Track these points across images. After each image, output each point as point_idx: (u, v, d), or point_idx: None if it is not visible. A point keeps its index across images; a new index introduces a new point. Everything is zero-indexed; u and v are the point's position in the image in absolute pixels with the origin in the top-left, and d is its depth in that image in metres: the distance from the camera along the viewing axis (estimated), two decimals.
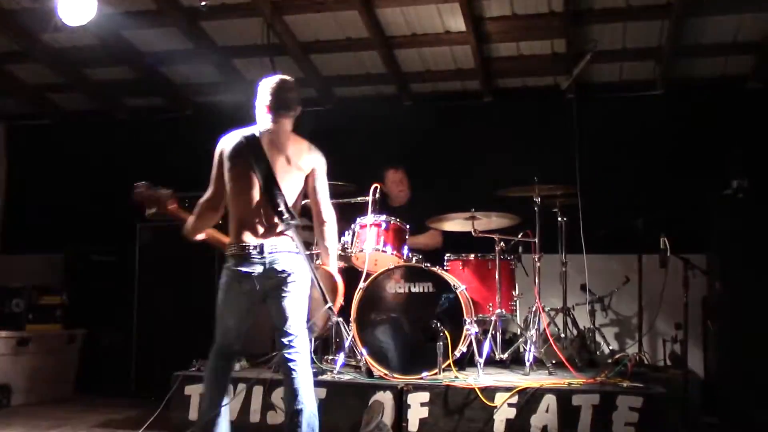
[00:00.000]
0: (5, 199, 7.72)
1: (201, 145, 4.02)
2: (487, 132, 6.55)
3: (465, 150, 6.51)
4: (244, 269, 3.47)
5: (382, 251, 4.91)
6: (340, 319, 3.75)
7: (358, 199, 5.13)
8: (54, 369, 6.00)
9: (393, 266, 4.72)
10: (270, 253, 3.48)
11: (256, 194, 3.54)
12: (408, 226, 5.07)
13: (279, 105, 3.70)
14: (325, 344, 5.05)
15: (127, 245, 6.23)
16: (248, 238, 3.50)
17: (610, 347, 5.49)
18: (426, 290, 4.59)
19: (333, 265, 3.72)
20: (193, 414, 4.44)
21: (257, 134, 3.64)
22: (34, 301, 5.96)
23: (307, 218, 5.87)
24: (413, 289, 4.61)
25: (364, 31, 5.97)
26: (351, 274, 5.08)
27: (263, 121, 3.71)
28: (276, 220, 3.52)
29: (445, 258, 5.28)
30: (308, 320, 3.62)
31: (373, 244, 4.89)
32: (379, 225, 4.96)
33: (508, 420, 4.06)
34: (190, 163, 5.00)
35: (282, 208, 3.50)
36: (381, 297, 4.62)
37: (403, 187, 6.02)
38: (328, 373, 4.54)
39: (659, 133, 6.22)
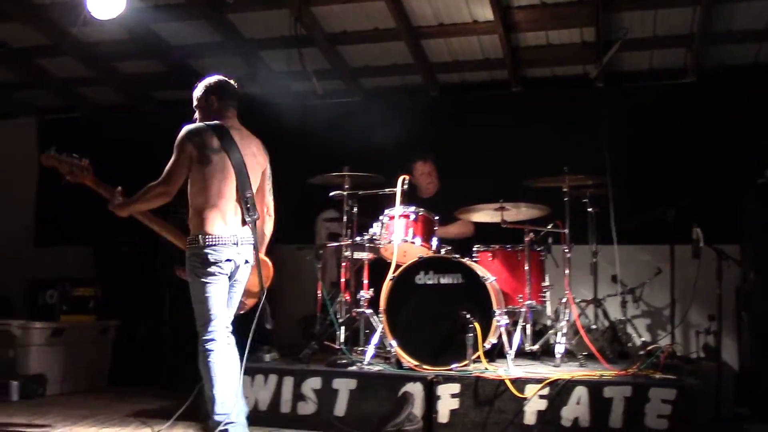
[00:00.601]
0: (37, 193, 7.82)
1: None
2: (516, 122, 6.50)
3: (493, 140, 6.46)
4: (223, 257, 3.65)
5: (411, 242, 4.90)
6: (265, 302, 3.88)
7: (386, 190, 5.11)
8: (88, 359, 6.08)
9: (422, 257, 4.70)
10: (241, 244, 3.71)
11: (231, 187, 3.72)
12: (437, 218, 5.06)
13: (230, 97, 3.94)
14: (354, 335, 5.05)
15: (157, 237, 6.26)
16: (220, 228, 3.67)
17: (642, 339, 5.43)
18: (455, 281, 4.57)
19: (263, 252, 3.99)
20: None
21: (227, 128, 3.80)
22: (68, 293, 6.04)
23: (335, 209, 5.93)
24: (442, 281, 4.58)
25: (392, 22, 5.95)
26: (380, 265, 5.09)
27: (216, 116, 3.87)
28: (243, 212, 3.74)
29: (474, 249, 5.26)
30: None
31: (401, 235, 4.89)
32: (407, 216, 4.95)
33: (539, 412, 4.05)
34: None
35: (249, 202, 3.75)
36: (410, 288, 4.60)
37: (432, 178, 6.00)
38: (358, 365, 4.55)
39: (690, 121, 6.13)
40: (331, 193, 5.25)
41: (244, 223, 3.75)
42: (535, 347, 4.93)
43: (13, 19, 6.14)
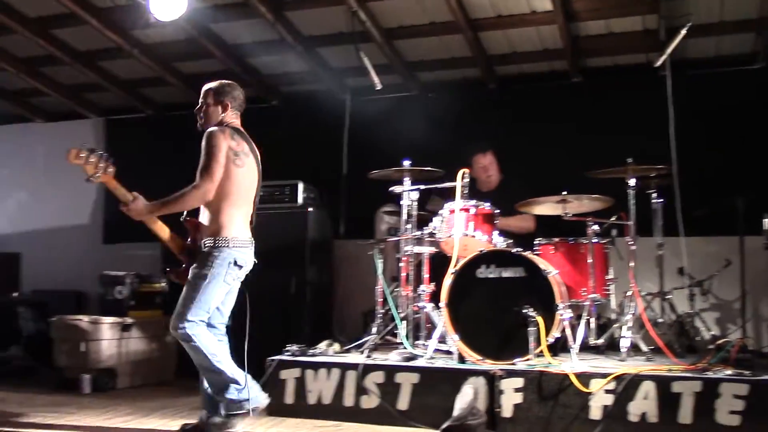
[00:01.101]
0: (106, 190, 8.03)
1: (288, 135, 4.09)
2: (577, 113, 6.41)
3: (554, 132, 6.35)
4: (245, 258, 3.78)
5: (471, 236, 4.87)
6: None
7: (446, 184, 5.09)
8: (155, 353, 6.23)
9: (483, 251, 4.67)
10: (253, 245, 3.85)
11: (253, 191, 3.85)
12: (498, 211, 5.01)
13: (241, 103, 4.01)
14: (416, 329, 5.05)
15: None
16: (242, 231, 3.78)
17: (711, 333, 5.29)
18: (517, 275, 4.52)
19: None
20: (288, 398, 4.56)
21: (244, 133, 3.90)
22: (136, 289, 6.22)
23: (392, 203, 5.94)
24: (504, 274, 4.54)
25: (449, 15, 5.91)
26: (440, 259, 5.08)
27: (227, 120, 3.92)
28: (253, 216, 3.88)
29: (536, 242, 5.20)
30: None
31: (462, 229, 4.86)
32: (467, 210, 4.92)
33: (605, 407, 3.97)
34: (276, 152, 5.06)
35: (256, 206, 3.89)
36: (472, 282, 4.57)
37: (492, 171, 5.95)
38: (421, 359, 4.54)
39: (759, 108, 5.94)
40: (391, 188, 5.26)
41: (250, 225, 3.89)
42: (600, 341, 4.85)
43: (78, 23, 6.32)
